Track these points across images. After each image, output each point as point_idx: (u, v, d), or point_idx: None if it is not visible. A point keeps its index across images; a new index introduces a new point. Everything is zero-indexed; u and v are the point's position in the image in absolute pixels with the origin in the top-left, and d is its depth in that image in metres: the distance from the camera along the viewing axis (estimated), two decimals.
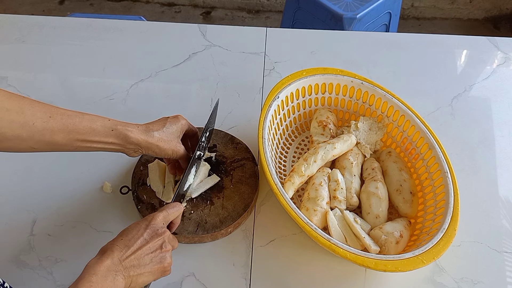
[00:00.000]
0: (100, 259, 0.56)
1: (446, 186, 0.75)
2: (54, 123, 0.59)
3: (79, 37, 1.16)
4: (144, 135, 0.68)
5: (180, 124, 0.74)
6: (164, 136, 0.70)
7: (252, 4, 2.60)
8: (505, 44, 1.18)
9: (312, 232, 0.68)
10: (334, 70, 0.90)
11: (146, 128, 0.69)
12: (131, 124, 0.68)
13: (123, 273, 0.57)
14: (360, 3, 1.53)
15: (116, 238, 0.61)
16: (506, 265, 0.78)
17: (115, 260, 0.57)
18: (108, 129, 0.64)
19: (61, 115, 0.60)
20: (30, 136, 0.57)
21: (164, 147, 0.70)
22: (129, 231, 0.61)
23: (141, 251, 0.59)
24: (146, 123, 0.71)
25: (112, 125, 0.65)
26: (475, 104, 1.04)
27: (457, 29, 2.53)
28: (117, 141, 0.65)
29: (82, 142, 0.62)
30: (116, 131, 0.65)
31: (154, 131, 0.69)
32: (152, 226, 0.62)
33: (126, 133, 0.66)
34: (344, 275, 0.76)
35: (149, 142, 0.68)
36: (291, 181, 0.78)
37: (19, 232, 0.79)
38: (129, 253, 0.59)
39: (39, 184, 0.86)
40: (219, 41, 1.15)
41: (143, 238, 0.61)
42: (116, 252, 0.58)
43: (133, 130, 0.67)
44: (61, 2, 2.62)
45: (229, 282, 0.75)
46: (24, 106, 0.57)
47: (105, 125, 0.64)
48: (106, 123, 0.64)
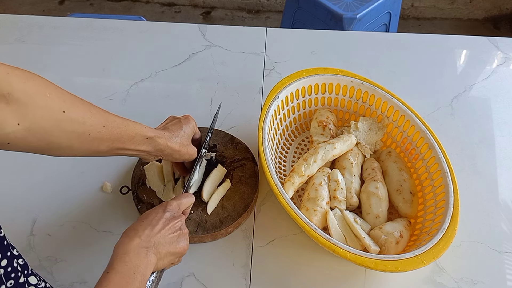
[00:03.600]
0: (128, 239, 0.58)
1: (446, 186, 0.75)
2: (105, 133, 0.58)
3: (79, 37, 1.16)
4: (170, 142, 0.67)
5: (192, 125, 0.74)
6: (184, 140, 0.70)
7: (252, 4, 2.60)
8: (505, 44, 1.18)
9: (312, 232, 0.68)
10: (334, 70, 0.90)
11: (169, 134, 0.68)
12: (159, 132, 0.67)
13: (153, 249, 0.58)
14: (360, 3, 1.53)
15: (136, 223, 0.61)
16: (506, 265, 0.78)
17: (143, 237, 0.58)
18: (143, 137, 0.64)
19: (112, 124, 0.59)
20: (81, 146, 0.56)
21: (183, 152, 0.70)
22: (148, 215, 0.62)
23: (164, 231, 0.61)
24: (164, 127, 0.71)
25: (149, 134, 0.64)
26: (475, 104, 1.04)
27: (457, 29, 2.53)
28: (148, 149, 0.65)
29: (120, 150, 0.62)
30: (150, 140, 0.64)
31: (176, 137, 0.69)
32: (169, 209, 0.64)
33: (159, 141, 0.65)
34: (344, 275, 0.76)
35: (173, 149, 0.68)
36: (291, 181, 0.78)
37: (19, 232, 0.79)
38: (155, 231, 0.60)
39: (39, 184, 0.86)
40: (219, 41, 1.15)
41: (164, 219, 0.62)
42: (142, 231, 0.59)
43: (162, 138, 0.66)
44: (61, 2, 2.62)
45: (229, 282, 0.75)
46: (86, 115, 0.55)
47: (142, 133, 0.63)
48: (142, 131, 0.63)
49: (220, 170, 0.84)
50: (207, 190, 0.81)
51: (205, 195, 0.80)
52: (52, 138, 0.52)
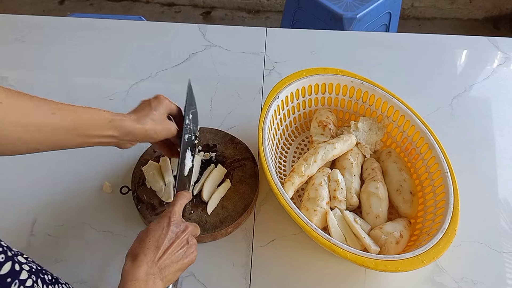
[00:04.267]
0: (136, 264, 0.57)
1: (446, 186, 0.75)
2: (56, 120, 0.57)
3: (79, 37, 1.16)
4: (139, 124, 0.66)
5: (164, 104, 0.72)
6: (156, 118, 0.69)
7: (252, 4, 2.60)
8: (505, 44, 1.18)
9: (312, 232, 0.68)
10: (334, 70, 0.90)
11: (137, 116, 0.67)
12: (123, 115, 0.66)
13: (159, 275, 0.58)
14: (360, 3, 1.53)
15: (142, 240, 0.60)
16: (506, 265, 0.78)
17: (150, 263, 0.57)
18: (106, 121, 0.62)
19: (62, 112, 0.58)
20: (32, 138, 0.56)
21: (159, 129, 0.68)
22: (153, 232, 0.61)
23: (171, 249, 0.60)
24: (133, 111, 0.69)
25: (110, 116, 0.63)
26: (475, 104, 1.04)
27: (457, 29, 2.53)
28: (115, 134, 0.64)
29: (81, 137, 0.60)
30: (113, 123, 0.63)
31: (145, 117, 0.67)
32: (174, 222, 0.62)
33: (122, 124, 0.64)
34: (344, 275, 0.76)
35: (145, 129, 0.66)
36: (291, 181, 0.78)
37: (19, 232, 0.79)
38: (160, 253, 0.59)
39: (39, 184, 0.86)
40: (219, 41, 1.15)
41: (170, 236, 0.61)
42: (149, 255, 0.58)
43: (127, 120, 0.65)
44: (61, 2, 2.62)
45: (229, 282, 0.75)
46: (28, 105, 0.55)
47: (103, 117, 0.62)
48: (104, 114, 0.63)
49: (220, 170, 0.84)
50: (207, 190, 0.81)
51: (205, 195, 0.80)
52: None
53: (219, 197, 0.81)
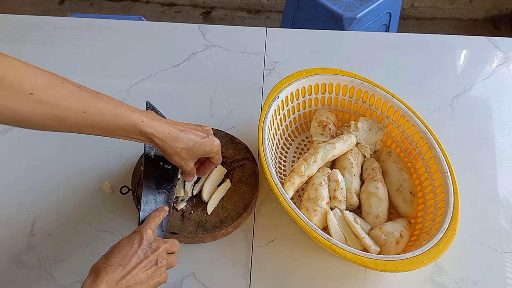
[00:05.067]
0: (95, 282, 0.54)
1: (446, 186, 0.75)
2: (86, 119, 0.56)
3: (79, 37, 1.16)
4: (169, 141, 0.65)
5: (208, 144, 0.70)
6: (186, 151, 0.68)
7: (252, 4, 2.60)
8: (505, 44, 1.18)
9: (312, 232, 0.68)
10: (334, 70, 0.90)
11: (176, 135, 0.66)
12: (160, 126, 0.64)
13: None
14: (360, 3, 1.53)
15: (108, 256, 0.57)
16: (506, 265, 0.78)
17: (110, 282, 0.54)
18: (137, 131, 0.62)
19: (95, 111, 0.57)
20: (59, 127, 0.56)
21: (176, 160, 0.69)
22: (122, 248, 0.58)
23: (137, 270, 0.57)
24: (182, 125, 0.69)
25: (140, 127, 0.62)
26: (475, 104, 1.04)
27: (457, 29, 2.53)
28: (143, 140, 0.64)
29: (111, 136, 0.61)
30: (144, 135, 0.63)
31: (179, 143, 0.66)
32: (145, 240, 0.60)
33: (153, 138, 0.64)
34: (344, 275, 0.76)
35: (168, 147, 0.66)
36: (291, 181, 0.78)
37: (19, 232, 0.79)
38: (124, 273, 0.56)
39: (39, 184, 0.86)
40: (219, 41, 1.15)
41: (137, 255, 0.58)
42: (110, 274, 0.55)
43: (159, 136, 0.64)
44: (61, 2, 2.62)
45: (229, 282, 0.75)
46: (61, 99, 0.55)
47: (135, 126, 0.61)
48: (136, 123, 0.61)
49: (220, 170, 0.84)
50: (207, 190, 0.81)
51: (205, 195, 0.80)
52: (24, 118, 0.53)
53: (219, 197, 0.81)
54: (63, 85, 0.56)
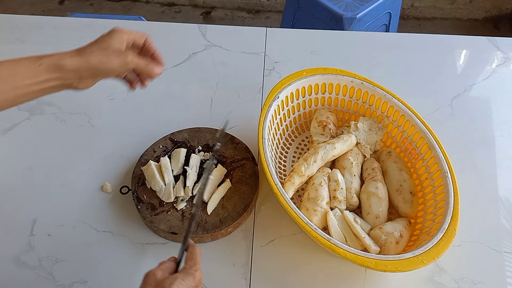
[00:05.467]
0: None
1: (446, 186, 0.75)
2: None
3: (79, 37, 1.15)
4: (78, 56, 0.59)
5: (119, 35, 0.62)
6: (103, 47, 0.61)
7: (252, 4, 2.60)
8: (505, 44, 1.18)
9: (312, 232, 0.68)
10: (334, 70, 0.90)
11: (77, 50, 0.60)
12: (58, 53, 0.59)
13: None
14: (360, 3, 1.53)
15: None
16: (506, 265, 0.78)
17: None
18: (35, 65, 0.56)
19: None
20: None
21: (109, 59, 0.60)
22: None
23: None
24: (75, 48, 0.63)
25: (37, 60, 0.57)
26: (475, 104, 1.04)
27: (457, 29, 2.53)
28: (52, 76, 0.58)
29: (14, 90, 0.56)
30: (45, 64, 0.57)
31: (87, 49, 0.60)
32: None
33: (58, 62, 0.58)
34: (344, 275, 0.76)
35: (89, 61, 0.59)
36: (291, 181, 0.78)
37: (19, 232, 0.79)
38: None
39: (39, 184, 0.86)
40: (219, 41, 1.15)
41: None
42: None
43: (63, 57, 0.58)
44: (61, 2, 2.62)
45: (229, 282, 0.75)
46: None
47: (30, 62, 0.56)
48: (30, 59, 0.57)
49: (220, 170, 0.84)
50: (207, 190, 0.81)
51: (205, 195, 0.80)
52: None
53: (219, 197, 0.81)
54: None
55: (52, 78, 0.58)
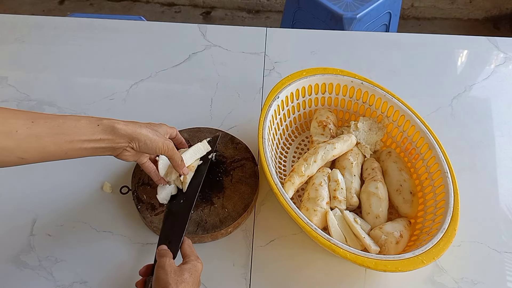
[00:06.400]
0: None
1: (446, 186, 0.75)
2: (38, 127, 0.57)
3: (79, 37, 1.16)
4: (132, 127, 0.65)
5: (165, 127, 0.73)
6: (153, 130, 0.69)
7: (252, 4, 2.60)
8: (505, 44, 1.18)
9: (312, 232, 0.68)
10: (334, 70, 0.90)
11: (133, 122, 0.67)
12: (116, 119, 0.66)
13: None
14: (360, 3, 1.53)
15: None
16: (506, 265, 0.78)
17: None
18: (94, 124, 0.62)
19: (44, 119, 0.58)
20: (17, 146, 0.56)
21: (155, 138, 0.68)
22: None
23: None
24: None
25: (97, 120, 0.63)
26: (475, 104, 1.04)
27: (457, 29, 2.53)
28: (105, 137, 0.63)
29: (70, 144, 0.60)
30: (103, 126, 0.63)
31: (142, 125, 0.68)
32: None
33: (113, 125, 0.63)
34: (344, 275, 0.76)
35: (139, 133, 0.66)
36: (291, 181, 0.78)
37: (19, 232, 0.79)
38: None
39: (39, 184, 0.86)
40: (219, 41, 1.15)
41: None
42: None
43: (120, 122, 0.65)
44: (61, 2, 2.62)
45: (229, 282, 0.75)
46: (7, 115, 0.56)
47: (90, 121, 0.62)
48: (90, 119, 0.63)
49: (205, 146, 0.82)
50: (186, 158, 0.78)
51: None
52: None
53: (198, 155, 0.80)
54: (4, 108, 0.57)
55: (105, 139, 0.63)
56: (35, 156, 0.59)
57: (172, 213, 0.75)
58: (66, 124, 0.60)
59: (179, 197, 0.78)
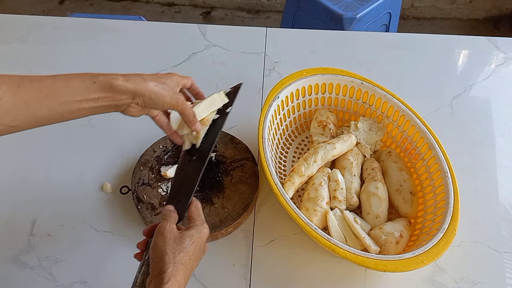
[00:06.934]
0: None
1: (446, 186, 0.75)
2: (24, 92, 0.52)
3: (79, 37, 1.16)
4: (134, 81, 0.58)
5: (176, 78, 0.64)
6: (159, 82, 0.61)
7: (252, 4, 2.60)
8: (505, 44, 1.18)
9: (312, 232, 0.68)
10: (334, 70, 0.90)
11: (136, 74, 0.60)
12: (115, 73, 0.59)
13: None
14: (360, 3, 1.53)
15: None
16: (506, 265, 0.78)
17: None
18: (89, 82, 0.55)
19: (30, 81, 0.52)
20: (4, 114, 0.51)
21: (161, 92, 0.60)
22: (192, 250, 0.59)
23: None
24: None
25: (92, 77, 0.56)
26: (475, 104, 1.04)
27: (457, 29, 2.53)
28: (104, 95, 0.56)
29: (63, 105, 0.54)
30: (99, 83, 0.56)
31: (146, 77, 0.60)
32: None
33: (111, 82, 0.57)
34: (344, 275, 0.76)
35: (142, 87, 0.58)
36: (291, 181, 0.78)
37: (19, 232, 0.79)
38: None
39: (39, 184, 0.86)
40: (219, 41, 1.15)
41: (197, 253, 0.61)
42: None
43: (119, 78, 0.58)
44: (61, 2, 2.62)
45: (229, 282, 0.75)
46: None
47: (83, 79, 0.55)
48: (84, 77, 0.56)
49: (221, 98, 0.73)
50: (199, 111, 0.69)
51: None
52: None
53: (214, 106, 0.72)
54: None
55: (103, 97, 0.57)
56: (27, 122, 0.54)
57: (183, 171, 0.68)
58: (56, 85, 0.54)
59: (192, 153, 0.69)
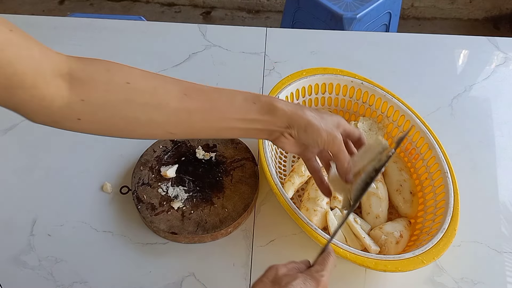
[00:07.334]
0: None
1: (446, 186, 0.75)
2: (190, 101, 0.51)
3: (79, 37, 1.16)
4: (293, 108, 0.55)
5: (338, 118, 0.59)
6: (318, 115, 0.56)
7: (252, 4, 2.60)
8: (505, 44, 1.18)
9: (312, 232, 0.68)
10: (334, 70, 0.90)
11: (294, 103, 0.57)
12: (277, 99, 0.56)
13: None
14: (360, 3, 1.53)
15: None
16: (506, 265, 0.78)
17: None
18: (250, 102, 0.54)
19: (197, 92, 0.53)
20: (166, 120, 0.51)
21: (317, 126, 0.55)
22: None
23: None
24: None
25: (254, 98, 0.54)
26: (475, 104, 1.04)
27: (457, 29, 2.53)
28: (260, 117, 0.54)
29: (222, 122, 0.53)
30: (260, 103, 0.54)
31: (304, 108, 0.56)
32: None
33: (272, 103, 0.54)
34: (344, 275, 0.76)
35: (300, 116, 0.54)
36: (291, 181, 0.78)
37: (19, 232, 0.79)
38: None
39: (39, 184, 0.86)
40: (219, 41, 1.15)
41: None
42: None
43: (280, 101, 0.55)
44: (61, 2, 2.62)
45: (229, 282, 0.75)
46: (157, 85, 0.51)
47: (246, 98, 0.54)
48: (247, 96, 0.54)
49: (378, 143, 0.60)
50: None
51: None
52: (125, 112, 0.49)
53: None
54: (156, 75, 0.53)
55: (260, 120, 0.54)
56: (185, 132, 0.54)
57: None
58: (220, 100, 0.53)
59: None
